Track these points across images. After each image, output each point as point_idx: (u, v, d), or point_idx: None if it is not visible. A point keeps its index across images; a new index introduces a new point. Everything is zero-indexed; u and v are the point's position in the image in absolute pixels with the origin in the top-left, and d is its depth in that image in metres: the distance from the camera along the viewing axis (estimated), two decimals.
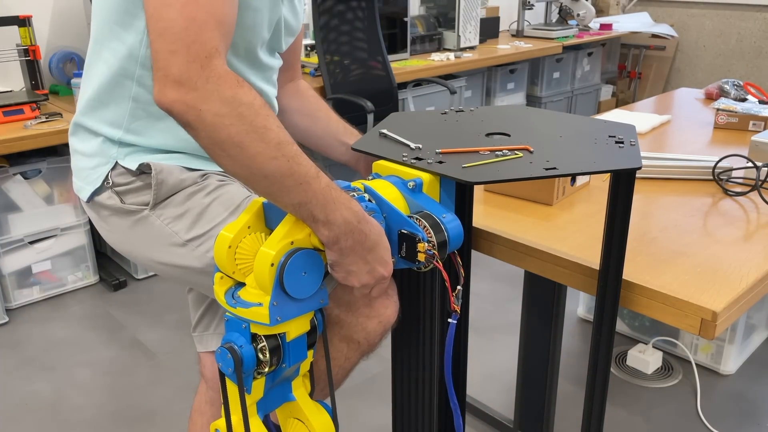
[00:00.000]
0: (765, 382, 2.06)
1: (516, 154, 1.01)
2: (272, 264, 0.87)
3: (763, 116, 1.77)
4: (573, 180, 1.32)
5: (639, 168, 0.94)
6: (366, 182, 0.98)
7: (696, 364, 2.11)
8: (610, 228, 0.97)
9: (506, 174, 0.94)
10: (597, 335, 1.04)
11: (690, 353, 2.13)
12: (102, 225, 1.15)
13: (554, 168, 0.95)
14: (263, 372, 0.92)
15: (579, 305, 2.48)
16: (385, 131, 1.13)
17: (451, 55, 3.53)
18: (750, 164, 1.36)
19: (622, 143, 1.05)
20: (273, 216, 0.94)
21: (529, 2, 4.13)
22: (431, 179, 0.98)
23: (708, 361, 2.12)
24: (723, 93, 2.11)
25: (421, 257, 0.92)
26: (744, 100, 2.01)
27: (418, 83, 3.38)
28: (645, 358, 2.10)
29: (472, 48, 3.82)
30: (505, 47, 3.86)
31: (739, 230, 1.17)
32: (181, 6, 0.83)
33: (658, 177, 1.42)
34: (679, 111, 2.01)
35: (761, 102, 1.98)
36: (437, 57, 3.49)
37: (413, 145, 1.06)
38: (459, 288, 0.98)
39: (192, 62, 0.81)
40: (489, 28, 4.08)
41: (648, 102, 2.16)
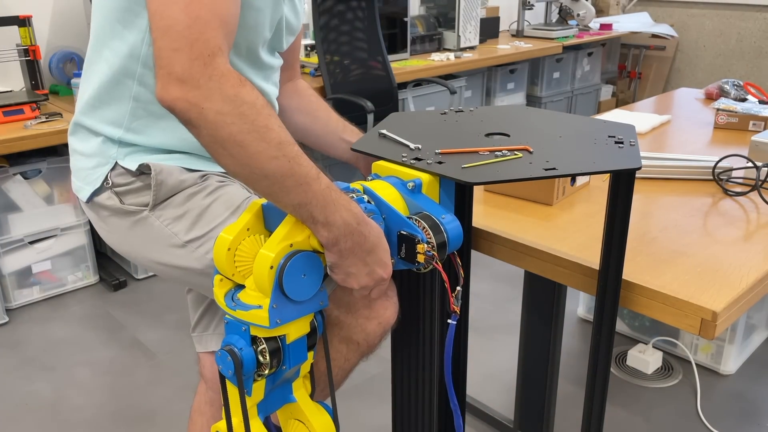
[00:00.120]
0: (765, 382, 2.06)
1: (516, 155, 1.01)
2: (272, 266, 0.86)
3: (763, 116, 1.77)
4: (573, 180, 1.32)
5: (639, 168, 0.94)
6: (365, 183, 0.97)
7: (696, 364, 2.11)
8: (610, 228, 0.97)
9: (506, 174, 0.94)
10: (597, 335, 1.04)
11: (690, 353, 2.13)
12: (101, 225, 1.15)
13: (554, 168, 0.95)
14: (263, 374, 0.92)
15: (579, 305, 2.47)
16: (385, 131, 1.13)
17: (451, 55, 3.53)
18: (750, 164, 1.36)
19: (622, 143, 1.05)
20: (272, 218, 0.94)
21: (529, 2, 4.13)
22: (431, 180, 0.98)
23: (708, 361, 2.12)
24: (723, 93, 2.11)
25: (421, 258, 0.92)
26: (744, 100, 2.01)
27: (418, 83, 3.38)
28: (645, 358, 2.10)
29: (472, 48, 3.82)
30: (505, 47, 3.86)
31: (739, 230, 1.17)
32: (185, 4, 0.83)
33: (658, 177, 1.42)
34: (679, 111, 2.01)
35: (761, 102, 1.98)
36: (437, 57, 3.49)
37: (413, 146, 1.06)
38: (459, 288, 0.97)
39: (195, 60, 0.81)
40: (489, 28, 4.08)
41: (648, 102, 2.16)
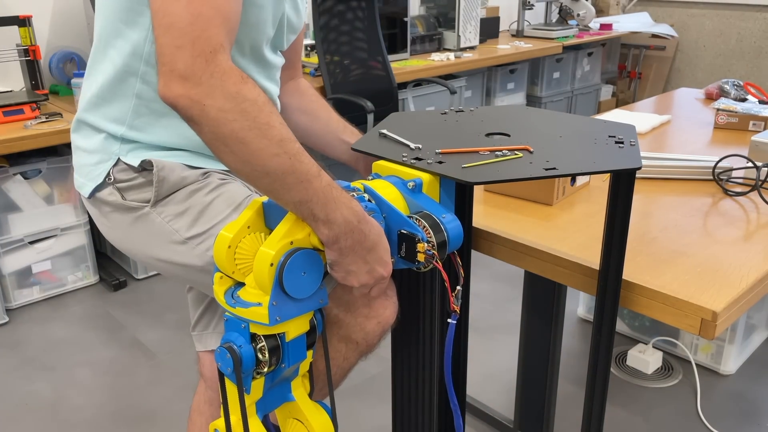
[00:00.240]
0: (765, 382, 2.06)
1: (516, 154, 1.01)
2: (272, 264, 0.87)
3: (763, 116, 1.77)
4: (573, 180, 1.32)
5: (639, 168, 0.94)
6: (366, 182, 0.97)
7: (696, 364, 2.11)
8: (610, 228, 0.97)
9: (506, 174, 0.94)
10: (597, 335, 1.04)
11: (690, 353, 2.13)
12: (103, 221, 1.15)
13: (554, 168, 0.95)
14: (262, 372, 0.92)
15: (579, 305, 2.47)
16: (385, 131, 1.13)
17: (451, 55, 3.53)
18: (750, 164, 1.36)
19: (622, 143, 1.05)
20: (273, 216, 0.94)
21: (529, 2, 4.13)
22: (431, 179, 0.98)
23: (708, 361, 2.12)
24: (723, 93, 2.11)
25: (421, 257, 0.92)
26: (744, 100, 2.01)
27: (418, 83, 3.38)
28: (645, 358, 2.10)
29: (472, 48, 3.82)
30: (505, 47, 3.86)
31: (739, 230, 1.17)
32: (188, 1, 0.83)
33: (658, 177, 1.42)
34: (679, 111, 2.01)
35: (761, 102, 1.98)
36: (437, 57, 3.49)
37: (413, 146, 1.06)
38: (459, 288, 0.97)
39: (197, 57, 0.81)
40: (489, 28, 4.08)
41: (648, 102, 2.16)
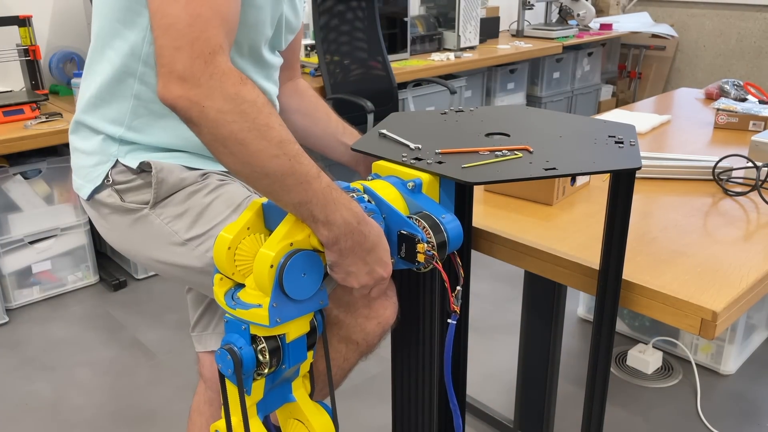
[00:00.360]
0: (765, 382, 2.06)
1: (516, 155, 1.01)
2: (272, 265, 0.87)
3: (763, 116, 1.77)
4: (573, 180, 1.32)
5: (639, 168, 0.94)
6: (365, 183, 0.97)
7: (696, 364, 2.11)
8: (610, 228, 0.97)
9: (506, 174, 0.94)
10: (597, 335, 1.04)
11: (690, 353, 2.13)
12: (102, 223, 1.15)
13: (554, 168, 0.95)
14: (263, 373, 0.92)
15: (579, 305, 2.47)
16: (385, 131, 1.13)
17: (451, 55, 3.53)
18: (750, 164, 1.36)
19: (622, 143, 1.05)
20: (273, 217, 0.94)
21: (529, 2, 4.13)
22: (431, 179, 0.98)
23: (708, 361, 2.12)
24: (723, 93, 2.11)
25: (421, 258, 0.92)
26: (744, 100, 2.01)
27: (418, 83, 3.38)
28: (645, 358, 2.10)
29: (472, 48, 3.82)
30: (505, 47, 3.86)
31: (739, 230, 1.17)
32: (186, 2, 0.83)
33: (658, 177, 1.42)
34: (679, 111, 2.01)
35: (761, 102, 1.98)
36: (437, 57, 3.49)
37: (413, 146, 1.06)
38: (459, 288, 0.97)
39: (196, 58, 0.81)
40: (489, 28, 4.08)
41: (648, 102, 2.16)
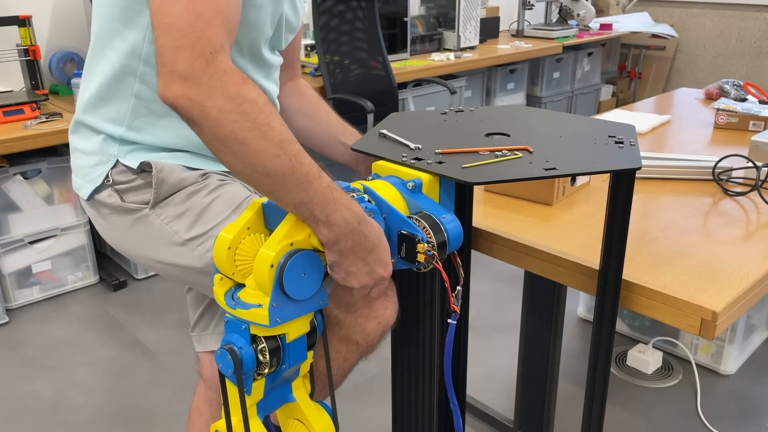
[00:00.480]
0: (765, 382, 2.06)
1: (516, 155, 1.01)
2: (272, 265, 0.87)
3: (763, 116, 1.77)
4: (573, 180, 1.32)
5: (639, 168, 0.94)
6: (365, 183, 0.97)
7: (696, 364, 2.11)
8: (610, 228, 0.97)
9: (506, 174, 0.94)
10: (597, 335, 1.04)
11: (690, 353, 2.13)
12: (102, 223, 1.15)
13: (554, 168, 0.95)
14: (263, 373, 0.92)
15: (579, 305, 2.47)
16: (385, 131, 1.13)
17: (451, 55, 3.53)
18: (750, 164, 1.36)
19: (622, 143, 1.05)
20: (273, 217, 0.94)
21: (529, 2, 4.13)
22: (431, 179, 0.98)
23: (708, 361, 2.12)
24: (723, 93, 2.11)
25: (421, 258, 0.92)
26: (744, 100, 2.01)
27: (418, 83, 3.38)
28: (645, 358, 2.10)
29: (472, 48, 3.82)
30: (505, 47, 3.86)
31: (739, 230, 1.17)
32: (187, 2, 0.83)
33: (658, 177, 1.42)
34: (679, 111, 2.01)
35: (761, 102, 1.98)
36: (437, 57, 3.49)
37: (413, 146, 1.06)
38: (459, 288, 0.97)
39: (197, 58, 0.81)
40: (489, 28, 4.08)
41: (648, 102, 2.16)
